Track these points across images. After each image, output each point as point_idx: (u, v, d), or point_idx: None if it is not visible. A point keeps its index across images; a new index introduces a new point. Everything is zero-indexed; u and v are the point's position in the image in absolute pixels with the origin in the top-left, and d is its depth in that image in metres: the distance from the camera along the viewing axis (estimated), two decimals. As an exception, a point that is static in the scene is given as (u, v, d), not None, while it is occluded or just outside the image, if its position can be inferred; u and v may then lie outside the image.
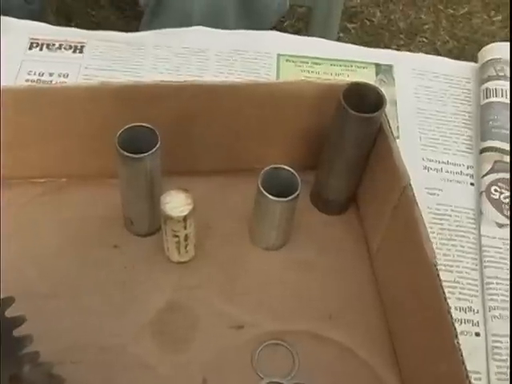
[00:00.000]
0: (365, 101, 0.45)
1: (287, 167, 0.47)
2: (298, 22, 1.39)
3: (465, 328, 0.48)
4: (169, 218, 0.44)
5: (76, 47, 0.64)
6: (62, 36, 0.65)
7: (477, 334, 0.48)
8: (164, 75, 0.62)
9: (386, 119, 0.46)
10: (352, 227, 0.52)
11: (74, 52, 0.63)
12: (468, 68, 0.66)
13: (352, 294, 0.49)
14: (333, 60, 0.66)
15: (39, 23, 0.66)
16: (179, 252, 0.48)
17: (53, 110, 0.47)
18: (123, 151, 0.43)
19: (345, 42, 0.71)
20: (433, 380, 0.40)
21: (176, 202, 0.44)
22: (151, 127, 0.45)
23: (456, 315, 0.48)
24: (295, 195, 0.45)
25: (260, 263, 0.50)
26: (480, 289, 0.50)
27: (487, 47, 0.65)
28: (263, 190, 0.45)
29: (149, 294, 0.48)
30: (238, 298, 0.48)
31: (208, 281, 0.49)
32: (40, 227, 0.50)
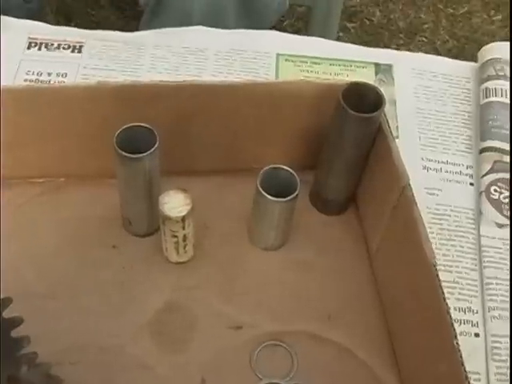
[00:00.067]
0: (364, 100, 0.45)
1: (286, 167, 0.47)
2: (298, 22, 1.39)
3: (464, 328, 0.48)
4: (167, 219, 0.44)
5: (75, 47, 0.64)
6: (61, 35, 0.64)
7: (476, 335, 0.48)
8: (163, 75, 0.62)
9: (386, 119, 0.46)
10: (351, 227, 0.52)
11: (73, 52, 0.63)
12: (468, 67, 0.66)
13: (351, 295, 0.49)
14: (332, 60, 0.65)
15: (38, 22, 0.66)
16: (178, 252, 0.48)
17: (51, 110, 0.47)
18: (121, 151, 0.43)
19: (344, 42, 0.71)
20: (432, 381, 0.40)
21: (174, 203, 0.44)
22: (150, 127, 0.44)
23: (455, 316, 0.48)
24: (294, 195, 0.45)
25: (259, 263, 0.50)
26: (479, 289, 0.50)
27: (487, 47, 0.65)
28: (262, 190, 0.45)
29: (147, 295, 0.48)
30: (237, 299, 0.48)
31: (207, 281, 0.49)
32: (38, 227, 0.50)
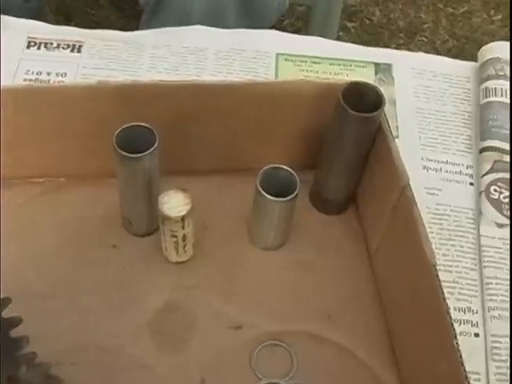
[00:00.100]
0: (364, 100, 0.45)
1: (286, 167, 0.47)
2: (298, 21, 1.39)
3: (464, 328, 0.48)
4: (167, 218, 0.44)
5: (74, 46, 0.63)
6: (60, 35, 0.64)
7: (476, 335, 0.48)
8: (162, 74, 0.62)
9: (385, 119, 0.46)
10: (351, 227, 0.52)
11: (72, 51, 0.63)
12: (468, 67, 0.66)
13: (351, 294, 0.49)
14: (332, 59, 0.65)
15: (37, 22, 0.66)
16: (177, 252, 0.48)
17: (51, 110, 0.47)
18: (121, 151, 0.43)
19: (344, 41, 0.71)
20: (432, 381, 0.40)
21: (174, 202, 0.44)
22: (149, 127, 0.44)
23: (455, 316, 0.48)
24: (294, 195, 0.45)
25: (258, 263, 0.50)
26: (479, 289, 0.50)
27: (487, 46, 0.65)
28: (262, 190, 0.45)
29: (147, 294, 0.47)
30: (237, 298, 0.48)
31: (206, 281, 0.49)
32: (38, 227, 0.50)
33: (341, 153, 0.47)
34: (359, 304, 0.48)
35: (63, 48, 0.63)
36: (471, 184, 0.57)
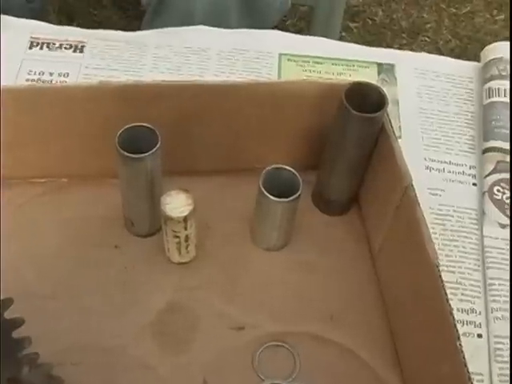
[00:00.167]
0: (367, 100, 0.45)
1: (288, 167, 0.46)
2: (300, 21, 1.39)
3: (467, 329, 0.48)
4: (169, 219, 0.44)
5: (76, 46, 0.63)
6: (63, 35, 0.64)
7: (479, 336, 0.48)
8: (165, 75, 0.62)
9: (388, 119, 0.46)
10: (354, 228, 0.52)
11: (75, 51, 0.63)
12: (470, 67, 0.66)
13: (353, 295, 0.49)
14: (334, 59, 0.65)
15: (40, 22, 0.66)
16: (180, 253, 0.47)
17: (53, 110, 0.47)
18: (123, 151, 0.43)
19: (347, 42, 0.71)
20: (435, 381, 0.40)
21: (176, 203, 0.44)
22: (151, 127, 0.44)
23: (458, 316, 0.48)
24: (296, 195, 0.45)
25: (261, 264, 0.50)
26: (482, 290, 0.50)
27: (490, 46, 0.65)
28: (264, 191, 0.45)
29: (149, 295, 0.47)
30: (239, 299, 0.48)
31: (209, 281, 0.48)
32: (40, 227, 0.50)
33: (343, 153, 0.47)
34: (362, 305, 0.48)
35: (65, 48, 0.63)
36: (474, 184, 0.57)
